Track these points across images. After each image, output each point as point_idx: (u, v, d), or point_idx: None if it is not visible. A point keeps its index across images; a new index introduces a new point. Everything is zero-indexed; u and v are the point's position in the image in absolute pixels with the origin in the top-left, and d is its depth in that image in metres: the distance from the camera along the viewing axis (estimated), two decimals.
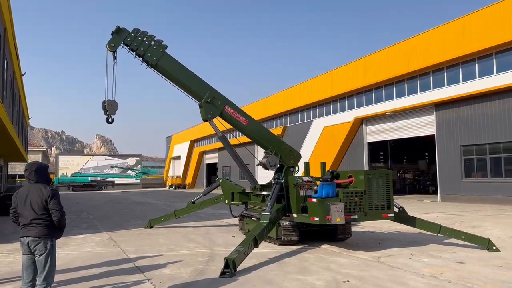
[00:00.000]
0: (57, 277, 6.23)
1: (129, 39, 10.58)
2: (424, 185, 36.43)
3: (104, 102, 10.85)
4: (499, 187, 20.77)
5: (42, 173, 5.01)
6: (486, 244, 8.79)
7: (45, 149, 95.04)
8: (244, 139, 14.24)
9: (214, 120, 10.97)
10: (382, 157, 38.30)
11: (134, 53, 10.68)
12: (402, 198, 26.37)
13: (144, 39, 10.61)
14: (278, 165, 11.01)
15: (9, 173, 51.72)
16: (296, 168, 10.99)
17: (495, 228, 11.84)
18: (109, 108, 10.86)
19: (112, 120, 11.01)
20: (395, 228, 12.03)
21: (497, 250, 8.66)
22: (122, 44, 10.70)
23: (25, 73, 29.63)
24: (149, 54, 10.55)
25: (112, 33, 10.67)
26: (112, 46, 10.61)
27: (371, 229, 12.44)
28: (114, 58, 10.79)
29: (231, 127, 11.31)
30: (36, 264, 4.82)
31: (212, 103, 10.67)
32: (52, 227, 4.87)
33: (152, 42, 10.66)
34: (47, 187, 4.91)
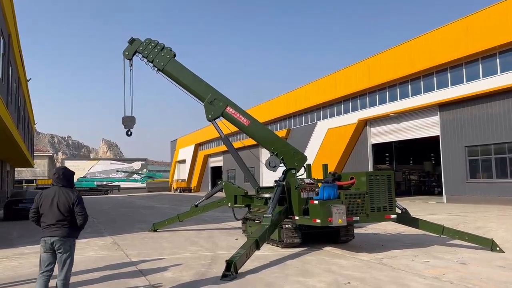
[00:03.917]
0: None
1: (141, 48, 12.09)
2: (430, 186, 36.25)
3: (123, 118, 12.44)
4: (505, 188, 20.61)
5: (69, 178, 5.41)
6: (490, 245, 8.75)
7: (51, 154, 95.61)
8: (248, 142, 14.36)
9: (219, 122, 11.58)
10: (387, 159, 38.16)
11: (146, 59, 12.08)
12: (407, 200, 26.27)
13: (154, 47, 11.98)
14: (284, 167, 11.11)
15: (15, 178, 52.08)
16: (302, 170, 11.03)
17: (500, 229, 11.75)
18: (126, 123, 12.47)
19: (131, 133, 12.56)
20: (399, 230, 11.99)
21: (501, 251, 8.62)
22: (136, 53, 12.13)
23: (31, 79, 29.92)
24: (157, 60, 11.94)
25: (128, 43, 12.19)
26: (127, 55, 12.21)
27: (375, 231, 12.41)
28: (131, 65, 12.29)
29: (236, 129, 11.72)
30: (53, 259, 5.12)
31: (213, 104, 11.48)
32: (74, 227, 5.23)
33: (162, 50, 11.96)
34: (74, 192, 5.30)
